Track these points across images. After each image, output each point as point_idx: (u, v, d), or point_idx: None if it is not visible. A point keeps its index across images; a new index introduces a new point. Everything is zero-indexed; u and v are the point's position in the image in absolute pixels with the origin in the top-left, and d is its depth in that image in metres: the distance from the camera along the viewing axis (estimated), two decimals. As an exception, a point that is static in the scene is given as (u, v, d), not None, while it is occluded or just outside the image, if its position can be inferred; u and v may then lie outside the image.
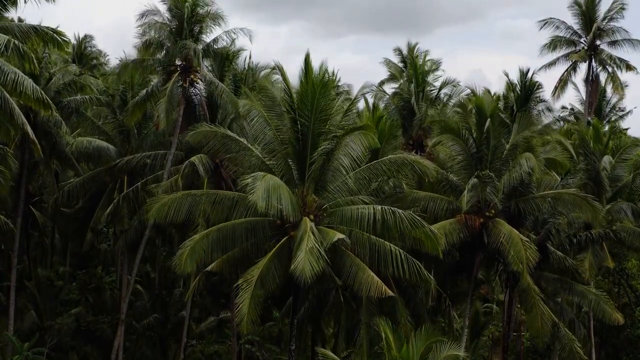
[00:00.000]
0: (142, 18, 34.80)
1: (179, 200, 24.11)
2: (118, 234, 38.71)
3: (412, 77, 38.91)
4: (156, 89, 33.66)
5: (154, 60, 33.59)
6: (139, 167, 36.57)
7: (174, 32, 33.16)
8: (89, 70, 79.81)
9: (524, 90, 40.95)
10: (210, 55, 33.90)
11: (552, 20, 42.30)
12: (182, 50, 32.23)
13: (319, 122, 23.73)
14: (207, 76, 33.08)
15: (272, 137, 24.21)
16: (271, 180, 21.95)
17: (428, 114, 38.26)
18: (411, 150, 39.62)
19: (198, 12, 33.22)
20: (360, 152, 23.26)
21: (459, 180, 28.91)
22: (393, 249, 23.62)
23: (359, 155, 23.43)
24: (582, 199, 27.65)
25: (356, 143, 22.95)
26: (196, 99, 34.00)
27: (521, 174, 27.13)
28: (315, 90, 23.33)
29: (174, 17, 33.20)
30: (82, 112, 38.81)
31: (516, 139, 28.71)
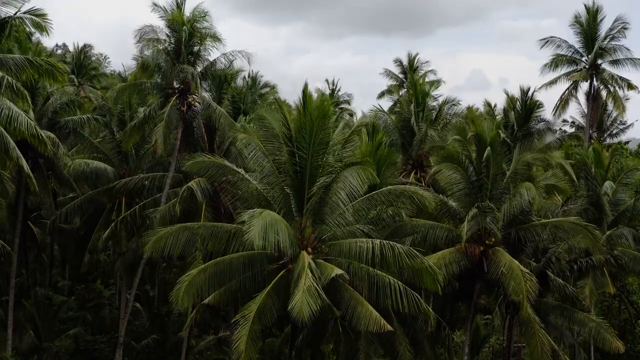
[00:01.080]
0: (139, 35, 34.66)
1: (175, 233, 23.90)
2: (116, 256, 38.48)
3: (412, 97, 38.59)
4: (154, 111, 33.44)
5: (151, 83, 33.37)
6: (137, 189, 36.38)
7: (171, 54, 32.93)
8: (89, 81, 79.97)
9: (525, 109, 40.88)
10: (208, 78, 33.71)
11: (553, 39, 42.02)
12: (180, 74, 32.00)
13: (317, 154, 23.54)
14: (205, 99, 32.85)
15: (270, 169, 23.99)
16: (268, 216, 21.73)
17: (428, 134, 37.98)
18: (411, 171, 39.42)
19: (196, 34, 32.96)
20: (358, 187, 23.02)
21: (459, 207, 28.67)
22: (392, 281, 23.41)
23: (358, 190, 23.20)
24: (582, 228, 27.39)
25: (355, 178, 22.73)
26: (194, 121, 33.75)
27: (521, 203, 26.89)
28: (313, 123, 23.12)
29: (171, 40, 32.96)
30: (79, 132, 38.61)
31: (517, 165, 28.46)
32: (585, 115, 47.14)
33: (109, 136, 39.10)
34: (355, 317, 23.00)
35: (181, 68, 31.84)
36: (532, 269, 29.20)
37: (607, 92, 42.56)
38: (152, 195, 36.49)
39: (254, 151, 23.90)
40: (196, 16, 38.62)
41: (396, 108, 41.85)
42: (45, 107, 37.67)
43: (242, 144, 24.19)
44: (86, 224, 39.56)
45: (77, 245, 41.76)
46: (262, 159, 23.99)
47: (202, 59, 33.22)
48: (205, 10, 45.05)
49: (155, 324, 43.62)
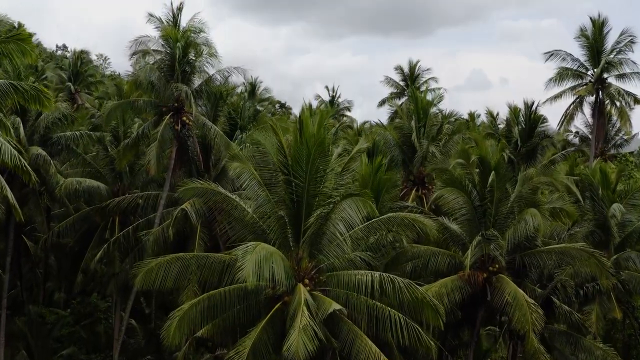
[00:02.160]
0: (135, 45, 33.84)
1: (166, 264, 22.97)
2: (109, 277, 37.58)
3: (413, 113, 37.63)
4: (147, 130, 32.53)
5: (144, 101, 32.44)
6: (131, 207, 35.49)
7: (165, 71, 32.00)
8: (86, 88, 78.99)
9: (528, 124, 39.95)
10: (203, 95, 32.76)
11: (558, 52, 41.03)
12: (174, 93, 31.06)
13: (314, 182, 22.61)
14: (200, 119, 31.90)
15: (265, 198, 23.06)
16: (262, 250, 20.79)
17: (430, 150, 37.02)
18: (412, 188, 38.47)
19: (190, 51, 32.01)
20: (357, 219, 22.09)
21: (462, 232, 27.74)
22: (392, 313, 22.51)
23: (357, 222, 22.27)
24: (589, 255, 26.45)
25: (353, 210, 21.79)
26: (189, 140, 32.82)
27: (526, 229, 25.97)
28: (310, 150, 22.20)
29: (165, 57, 32.04)
30: (72, 149, 37.73)
31: (522, 189, 27.52)
32: (588, 125, 46.05)
33: (102, 152, 38.22)
34: (354, 351, 22.14)
35: (175, 86, 30.91)
36: (537, 295, 28.32)
37: (614, 107, 41.59)
38: (146, 214, 35.62)
39: (248, 180, 22.96)
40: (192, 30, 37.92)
41: (396, 120, 40.82)
42: (37, 123, 36.80)
43: (236, 173, 23.23)
44: (80, 241, 38.65)
45: (71, 262, 40.88)
46: (256, 187, 23.06)
47: (196, 76, 32.24)
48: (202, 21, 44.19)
49: (151, 343, 42.63)
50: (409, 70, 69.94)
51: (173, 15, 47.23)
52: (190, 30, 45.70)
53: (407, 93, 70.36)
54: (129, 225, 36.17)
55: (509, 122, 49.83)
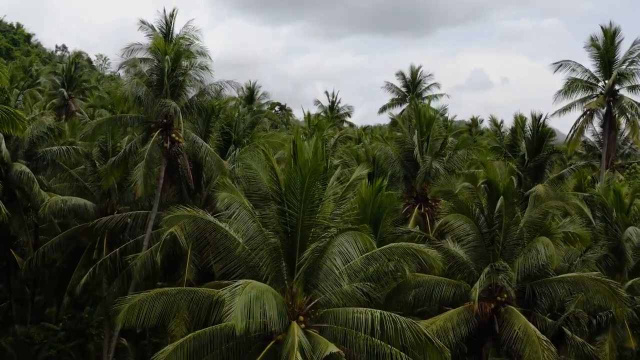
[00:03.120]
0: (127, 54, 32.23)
1: (150, 300, 21.23)
2: (97, 301, 35.86)
3: (415, 127, 35.88)
4: (135, 147, 30.79)
5: (131, 117, 30.69)
6: (119, 227, 33.78)
7: (153, 86, 30.25)
8: (81, 93, 77.20)
9: (536, 137, 38.19)
10: (194, 111, 30.98)
11: (567, 62, 39.20)
12: (162, 109, 29.32)
13: (309, 212, 20.91)
14: (190, 136, 30.14)
15: (257, 229, 21.33)
16: (252, 289, 19.04)
17: (433, 166, 35.28)
18: (415, 205, 36.76)
19: (181, 64, 30.25)
20: (355, 254, 20.35)
21: (469, 259, 26.02)
22: (393, 352, 20.79)
23: (354, 256, 20.54)
24: (604, 285, 24.72)
25: (351, 244, 20.04)
26: (179, 158, 31.07)
27: (537, 259, 24.24)
28: (304, 178, 20.47)
29: (154, 70, 30.29)
30: (58, 164, 36.03)
31: (532, 214, 25.80)
32: (596, 134, 44.05)
33: (90, 168, 36.50)
34: (353, 395, 20.47)
35: (163, 102, 29.16)
36: (547, 326, 26.59)
37: (625, 120, 39.77)
38: (135, 234, 33.93)
39: (237, 210, 21.22)
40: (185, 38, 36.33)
41: (398, 133, 39.04)
42: (21, 138, 35.06)
43: (224, 204, 21.48)
44: (67, 261, 36.91)
45: (59, 281, 39.13)
46: (247, 218, 21.32)
47: (187, 90, 30.47)
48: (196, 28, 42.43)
49: (142, 364, 40.95)
50: (411, 75, 68.21)
51: (166, 23, 45.55)
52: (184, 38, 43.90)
53: (408, 99, 68.68)
54: (118, 245, 34.53)
55: (515, 132, 48.12)
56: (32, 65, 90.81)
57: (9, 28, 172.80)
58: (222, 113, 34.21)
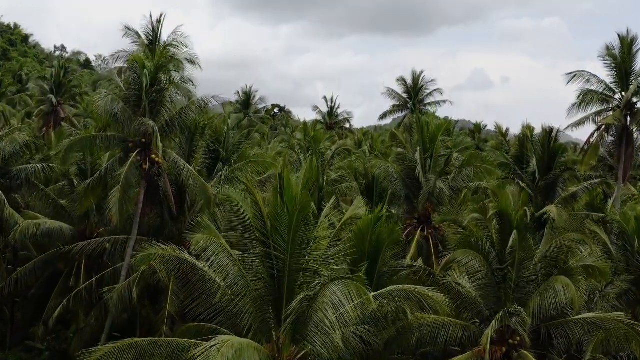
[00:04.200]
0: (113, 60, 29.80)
1: (118, 353, 18.68)
2: (72, 334, 33.28)
3: (417, 143, 33.26)
4: (112, 168, 28.21)
5: (107, 137, 28.06)
6: (98, 252, 31.22)
7: (131, 102, 27.63)
8: (71, 99, 74.53)
9: (547, 153, 35.53)
10: (175, 130, 28.30)
11: (582, 73, 36.42)
12: (140, 128, 26.71)
13: (297, 255, 18.38)
14: (172, 157, 27.52)
15: (238, 274, 18.77)
16: (231, 348, 16.48)
17: (437, 186, 32.67)
18: (417, 227, 34.15)
19: (161, 79, 27.63)
20: (348, 307, 17.73)
21: (478, 297, 23.43)
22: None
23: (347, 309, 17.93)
24: (629, 328, 22.14)
25: (344, 295, 17.43)
26: (160, 180, 28.47)
27: (555, 300, 21.65)
28: (292, 217, 17.91)
29: (132, 86, 27.70)
30: (33, 183, 33.43)
31: (548, 248, 23.19)
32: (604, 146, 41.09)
33: (67, 187, 33.94)
34: None
35: (140, 121, 26.56)
36: (565, 370, 24.02)
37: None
38: (114, 260, 31.41)
39: (215, 254, 18.64)
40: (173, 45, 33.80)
41: (399, 149, 36.38)
42: (-7, 154, 32.52)
43: (199, 248, 18.88)
44: (42, 287, 34.32)
45: (35, 308, 36.54)
46: (227, 262, 18.75)
47: (167, 107, 27.83)
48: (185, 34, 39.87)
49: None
50: (412, 81, 65.59)
51: (153, 29, 42.83)
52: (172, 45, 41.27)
53: (409, 106, 66.09)
54: (97, 271, 32.04)
55: (522, 144, 45.39)
56: (22, 70, 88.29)
57: (6, 28, 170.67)
58: (209, 129, 31.62)
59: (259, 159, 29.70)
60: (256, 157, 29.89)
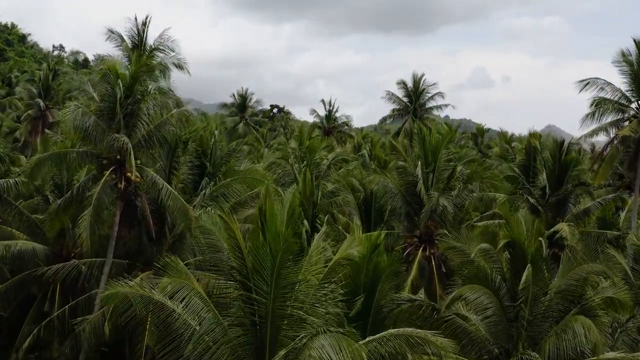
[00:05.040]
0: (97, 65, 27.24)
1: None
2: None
3: (419, 157, 30.79)
4: (84, 187, 25.77)
5: (79, 153, 25.61)
6: (73, 276, 28.78)
7: (105, 115, 25.20)
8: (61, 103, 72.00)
9: (558, 167, 33.07)
10: (153, 145, 25.80)
11: (596, 80, 33.85)
12: (113, 144, 24.26)
13: (281, 300, 15.95)
14: (149, 176, 25.07)
15: (213, 321, 16.31)
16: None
17: (440, 203, 30.22)
18: (418, 246, 31.71)
19: (137, 90, 25.16)
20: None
21: (487, 335, 21.00)
22: None
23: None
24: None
25: (333, 349, 14.98)
26: (137, 200, 26.03)
27: (574, 342, 19.22)
28: (275, 257, 15.49)
29: (106, 97, 25.25)
30: (6, 199, 30.96)
31: (565, 282, 20.75)
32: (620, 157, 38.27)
33: (42, 204, 31.52)
34: None
35: (113, 137, 24.12)
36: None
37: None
38: (91, 284, 28.97)
39: (186, 299, 16.22)
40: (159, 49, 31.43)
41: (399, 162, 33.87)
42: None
43: (167, 293, 16.45)
44: (16, 312, 31.88)
45: (8, 333, 34.11)
46: (201, 307, 16.31)
47: (144, 121, 25.34)
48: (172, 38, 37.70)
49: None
50: (413, 84, 63.01)
51: (138, 32, 40.37)
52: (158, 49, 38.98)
53: (410, 110, 63.60)
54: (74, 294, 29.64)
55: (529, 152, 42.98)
56: (11, 72, 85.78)
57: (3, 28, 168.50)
58: (193, 142, 29.19)
59: (246, 175, 27.28)
60: (243, 173, 27.45)
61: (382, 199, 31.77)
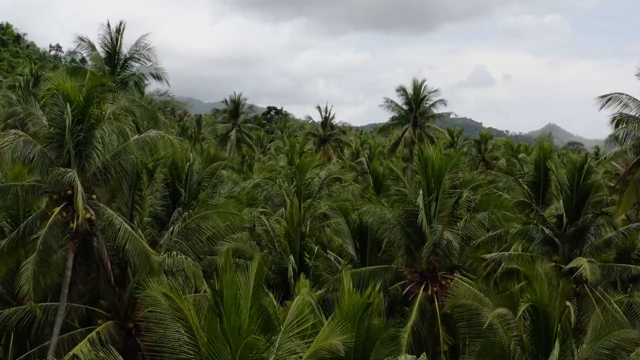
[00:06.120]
0: None
1: None
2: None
3: (420, 185, 27.13)
4: (31, 227, 22.16)
5: (22, 187, 21.96)
6: (26, 322, 25.23)
7: (54, 144, 21.58)
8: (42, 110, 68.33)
9: (577, 193, 29.44)
10: (110, 176, 22.09)
11: (618, 96, 30.22)
12: (60, 178, 20.64)
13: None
14: (106, 213, 21.45)
15: None
16: None
17: (444, 236, 26.60)
18: (420, 283, 28.09)
19: (92, 113, 21.51)
20: None
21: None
22: None
23: None
24: None
25: None
26: (94, 240, 22.42)
27: None
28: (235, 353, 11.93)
29: (53, 123, 21.61)
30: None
31: (596, 348, 17.20)
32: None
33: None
34: None
35: (58, 171, 20.48)
36: None
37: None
38: (45, 332, 25.39)
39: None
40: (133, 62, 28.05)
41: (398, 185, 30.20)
42: None
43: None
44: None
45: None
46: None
47: (99, 150, 21.68)
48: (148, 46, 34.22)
49: None
50: (414, 91, 59.44)
51: (111, 39, 36.91)
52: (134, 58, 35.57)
53: (410, 118, 60.05)
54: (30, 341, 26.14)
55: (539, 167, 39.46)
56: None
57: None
58: (163, 167, 25.62)
59: (221, 209, 23.71)
60: (217, 207, 23.88)
61: (378, 231, 28.18)
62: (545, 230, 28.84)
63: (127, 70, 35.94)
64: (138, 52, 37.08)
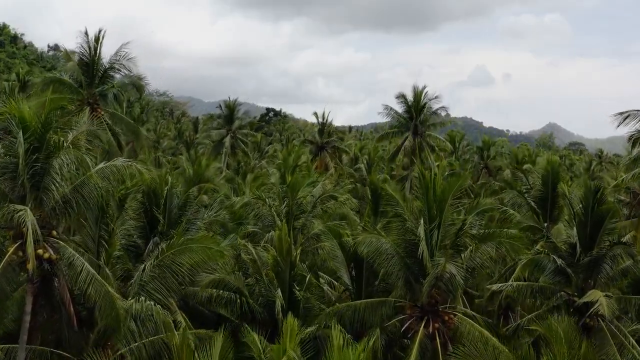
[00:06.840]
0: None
1: None
2: None
3: (422, 213, 24.72)
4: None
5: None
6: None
7: (8, 175, 19.17)
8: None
9: (591, 220, 27.04)
10: (72, 211, 19.65)
11: (636, 113, 27.90)
12: (12, 215, 18.25)
13: None
14: (66, 253, 19.04)
15: None
16: None
17: (447, 269, 24.19)
18: (421, 318, 25.71)
19: (50, 140, 19.07)
20: None
21: None
22: None
23: None
24: None
25: None
26: (55, 281, 20.02)
27: None
28: None
29: (9, 152, 19.20)
30: None
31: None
32: None
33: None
34: None
35: (9, 208, 18.09)
36: None
37: None
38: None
39: None
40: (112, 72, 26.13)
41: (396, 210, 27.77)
42: None
43: None
44: None
45: None
46: None
47: (58, 182, 19.24)
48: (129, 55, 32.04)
49: None
50: (414, 98, 57.02)
51: (89, 49, 34.60)
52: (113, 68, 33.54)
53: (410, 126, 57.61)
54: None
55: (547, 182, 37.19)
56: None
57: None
58: (135, 196, 23.24)
59: (199, 244, 21.28)
60: (193, 241, 21.45)
61: (375, 261, 25.77)
62: (557, 260, 26.45)
63: (107, 82, 33.60)
64: (118, 62, 34.76)
